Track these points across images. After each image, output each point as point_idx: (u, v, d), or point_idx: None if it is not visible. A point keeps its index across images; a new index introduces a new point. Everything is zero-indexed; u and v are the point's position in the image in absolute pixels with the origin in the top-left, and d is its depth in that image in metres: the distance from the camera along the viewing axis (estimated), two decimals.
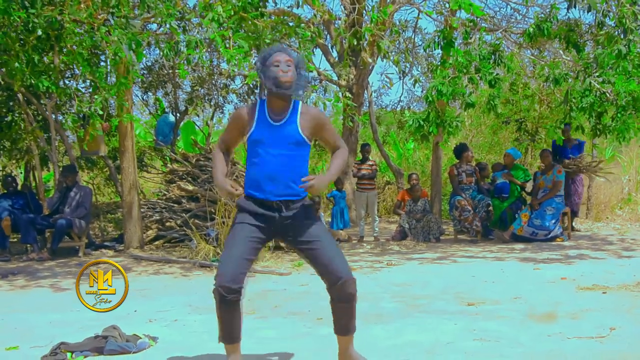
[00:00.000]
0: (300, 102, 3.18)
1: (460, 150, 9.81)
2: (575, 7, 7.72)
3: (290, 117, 3.11)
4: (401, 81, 13.69)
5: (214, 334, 4.10)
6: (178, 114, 13.26)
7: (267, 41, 6.64)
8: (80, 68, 6.56)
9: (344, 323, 3.12)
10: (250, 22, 6.48)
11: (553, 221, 9.05)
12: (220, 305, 3.01)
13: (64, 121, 7.97)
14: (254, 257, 3.11)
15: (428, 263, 7.36)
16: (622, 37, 7.52)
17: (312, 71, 7.65)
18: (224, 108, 14.10)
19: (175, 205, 9.08)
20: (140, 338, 3.86)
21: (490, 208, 9.35)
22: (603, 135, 8.66)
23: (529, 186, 10.17)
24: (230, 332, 3.10)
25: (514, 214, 9.45)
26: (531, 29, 7.96)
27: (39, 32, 6.23)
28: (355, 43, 8.20)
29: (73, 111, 8.05)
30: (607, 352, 3.49)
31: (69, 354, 3.61)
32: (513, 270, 6.57)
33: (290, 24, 7.86)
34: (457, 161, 9.79)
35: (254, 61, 7.52)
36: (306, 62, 3.15)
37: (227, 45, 6.02)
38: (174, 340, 3.98)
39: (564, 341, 3.74)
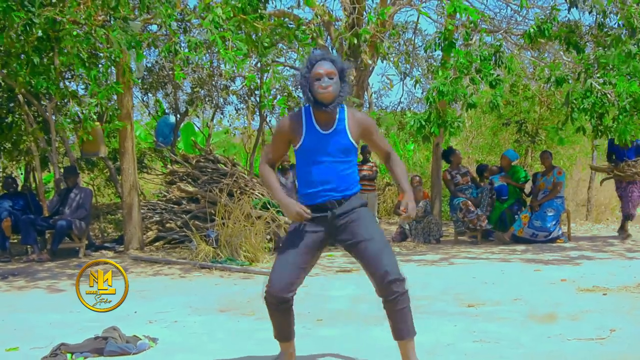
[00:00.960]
0: (346, 107, 3.13)
1: (448, 154, 9.90)
2: (576, 7, 7.72)
3: (338, 124, 3.06)
4: (401, 82, 13.66)
5: (214, 335, 4.12)
6: (178, 115, 13.27)
7: (266, 44, 6.65)
8: (79, 70, 6.56)
9: (396, 326, 3.10)
10: (249, 24, 6.49)
11: (553, 222, 9.05)
12: (273, 312, 3.06)
13: (61, 122, 7.94)
14: (307, 266, 3.08)
15: (428, 264, 7.35)
16: (631, 37, 7.51)
17: None
18: (224, 109, 14.11)
19: (175, 206, 9.08)
20: (140, 339, 3.85)
21: (494, 196, 9.35)
22: (604, 137, 8.64)
23: (528, 187, 10.17)
24: (282, 331, 3.16)
25: (513, 215, 9.45)
26: (532, 30, 7.96)
27: (39, 33, 6.24)
28: (356, 44, 8.20)
29: (74, 111, 8.05)
30: (607, 354, 3.48)
31: (68, 355, 3.61)
32: (513, 272, 6.57)
33: (291, 24, 7.87)
34: (449, 166, 9.85)
35: (253, 63, 7.53)
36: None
37: (227, 47, 6.02)
38: (174, 341, 3.98)
39: (564, 342, 3.73)
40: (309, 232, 3.05)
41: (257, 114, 13.56)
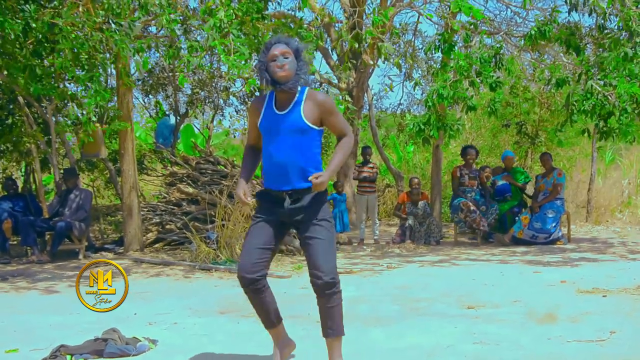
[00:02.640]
0: (307, 89, 3.17)
1: (463, 150, 9.80)
2: (576, 11, 7.72)
3: (295, 105, 3.12)
4: (401, 84, 13.67)
5: (214, 337, 4.12)
6: (178, 117, 13.27)
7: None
8: (77, 72, 6.56)
9: (325, 322, 3.15)
10: (251, 25, 6.49)
11: (553, 224, 9.04)
12: (247, 295, 3.16)
13: (61, 124, 7.94)
14: (270, 246, 3.15)
15: (428, 266, 7.36)
16: (628, 40, 7.51)
17: (313, 74, 7.63)
18: (224, 111, 14.13)
19: (175, 207, 9.08)
20: (140, 341, 3.85)
21: (495, 216, 9.29)
22: (610, 139, 8.63)
23: (529, 189, 10.17)
24: (265, 317, 3.26)
25: (514, 217, 9.44)
26: (533, 32, 7.96)
27: (39, 36, 6.24)
28: (357, 46, 8.20)
29: (73, 114, 8.05)
30: (607, 356, 3.48)
31: (68, 357, 3.61)
32: (513, 274, 6.57)
33: (291, 25, 7.87)
34: (463, 162, 9.74)
35: (253, 65, 7.54)
36: (308, 58, 3.14)
37: (228, 51, 6.02)
38: (173, 343, 3.98)
39: (564, 344, 3.73)
40: (263, 215, 3.17)
41: None
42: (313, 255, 3.07)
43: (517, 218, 9.29)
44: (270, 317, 3.27)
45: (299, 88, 3.14)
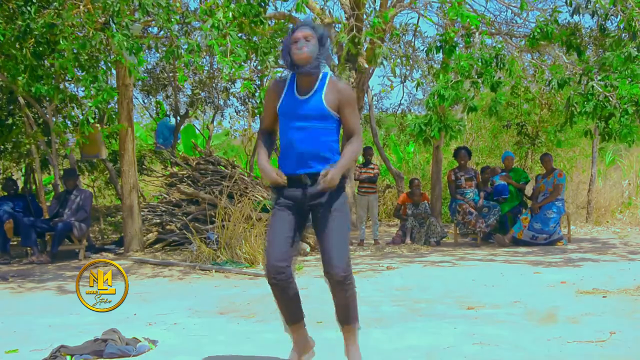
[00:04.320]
0: (329, 75, 3.15)
1: (455, 152, 9.84)
2: (579, 13, 7.72)
3: (316, 90, 3.09)
4: (402, 85, 13.66)
5: (214, 338, 4.11)
6: (178, 117, 13.28)
7: (265, 50, 6.66)
8: (77, 72, 6.56)
9: (339, 311, 3.17)
10: (248, 28, 6.49)
11: (553, 225, 9.04)
12: (274, 291, 3.08)
13: (58, 124, 7.94)
14: (293, 236, 3.12)
15: (428, 267, 7.35)
16: (631, 40, 7.51)
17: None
18: (225, 111, 14.15)
19: (176, 208, 9.08)
20: (140, 341, 3.85)
21: (497, 217, 9.29)
22: (612, 140, 8.62)
23: (529, 190, 10.17)
24: (290, 312, 3.19)
25: (514, 217, 9.44)
26: (535, 33, 7.95)
27: (37, 36, 6.24)
28: (354, 49, 8.20)
29: (72, 114, 8.06)
30: (607, 357, 3.48)
31: (68, 358, 3.61)
32: (513, 274, 6.56)
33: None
34: (457, 165, 9.78)
35: (252, 65, 7.54)
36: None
37: (225, 52, 6.02)
38: (173, 343, 3.98)
39: (563, 345, 3.73)
40: (281, 207, 3.12)
41: (257, 116, 13.56)
42: (327, 248, 3.06)
43: (517, 219, 9.29)
44: (296, 312, 3.21)
45: (321, 74, 3.11)
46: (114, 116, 8.48)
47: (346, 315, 3.19)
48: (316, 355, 3.38)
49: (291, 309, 3.19)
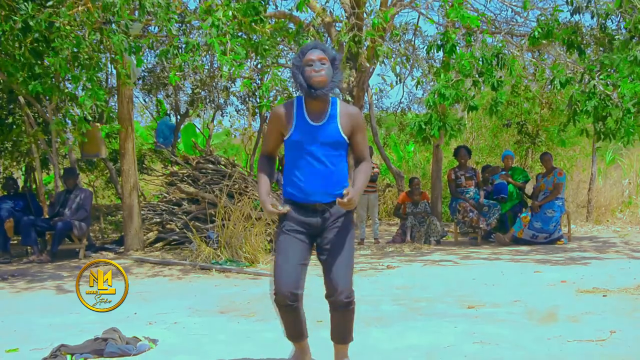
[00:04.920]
0: (339, 100, 3.10)
1: (456, 151, 9.84)
2: (579, 13, 7.71)
3: (330, 116, 3.03)
4: (402, 84, 13.65)
5: (215, 337, 4.12)
6: (179, 116, 13.28)
7: (265, 47, 6.65)
8: (76, 71, 6.55)
9: (336, 331, 3.16)
10: (248, 27, 6.49)
11: (553, 224, 9.04)
12: (283, 313, 3.06)
13: (56, 123, 7.93)
14: (305, 262, 3.08)
15: (428, 266, 7.36)
16: (638, 42, 7.50)
17: None
18: (225, 110, 14.14)
19: (176, 207, 9.08)
20: (140, 340, 3.86)
21: (497, 216, 9.28)
22: (607, 140, 8.60)
23: (529, 189, 10.16)
24: (294, 331, 3.17)
25: (514, 216, 9.44)
26: (536, 32, 7.93)
27: (36, 34, 6.23)
28: (355, 48, 8.19)
29: (71, 113, 8.06)
30: (608, 356, 3.48)
31: (68, 357, 3.61)
32: (513, 273, 6.56)
33: (291, 25, 7.85)
34: (457, 164, 9.78)
35: (252, 64, 7.51)
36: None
37: (225, 51, 6.02)
38: (174, 342, 3.98)
39: (564, 344, 3.73)
40: (292, 232, 3.05)
41: (258, 115, 13.58)
42: (332, 271, 3.01)
43: (517, 218, 9.28)
44: (301, 330, 3.19)
45: (330, 99, 3.05)
46: (112, 116, 8.47)
47: (343, 336, 3.18)
48: (314, 355, 3.38)
49: (298, 328, 3.17)
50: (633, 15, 7.38)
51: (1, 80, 8.46)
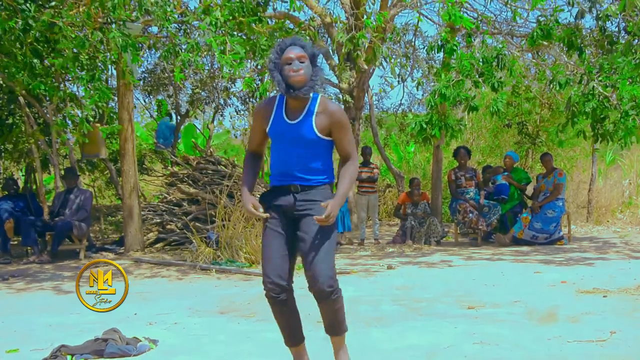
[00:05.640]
0: (320, 97, 3.03)
1: (455, 152, 9.84)
2: (582, 17, 7.71)
3: (306, 115, 2.97)
4: (402, 84, 13.65)
5: (215, 337, 4.11)
6: (179, 117, 13.28)
7: (264, 47, 6.66)
8: (73, 73, 6.56)
9: (327, 323, 3.13)
10: (247, 27, 6.49)
11: (554, 224, 9.04)
12: (274, 308, 3.05)
13: (57, 123, 7.94)
14: (291, 253, 3.06)
15: (429, 266, 7.35)
16: None
17: None
18: (225, 111, 14.15)
19: (176, 208, 9.08)
20: (141, 341, 3.86)
21: (497, 216, 9.27)
22: (605, 141, 8.60)
23: (529, 189, 10.16)
24: (290, 334, 3.15)
25: (514, 217, 9.43)
26: (536, 33, 7.93)
27: (37, 35, 6.25)
28: (353, 49, 8.20)
29: (72, 113, 8.07)
30: (608, 356, 3.48)
31: (69, 357, 3.61)
32: (513, 274, 6.56)
33: (290, 25, 7.85)
34: (457, 165, 9.77)
35: (252, 64, 7.53)
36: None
37: (223, 50, 6.02)
38: (174, 343, 3.98)
39: (564, 345, 3.73)
40: (272, 223, 3.05)
41: None
42: (310, 260, 2.94)
43: (517, 218, 9.28)
44: (296, 333, 3.17)
45: (312, 95, 2.99)
46: (113, 116, 8.49)
47: (335, 328, 3.14)
48: (314, 355, 3.38)
49: (292, 325, 3.14)
50: (636, 19, 7.38)
51: (1, 80, 8.46)
